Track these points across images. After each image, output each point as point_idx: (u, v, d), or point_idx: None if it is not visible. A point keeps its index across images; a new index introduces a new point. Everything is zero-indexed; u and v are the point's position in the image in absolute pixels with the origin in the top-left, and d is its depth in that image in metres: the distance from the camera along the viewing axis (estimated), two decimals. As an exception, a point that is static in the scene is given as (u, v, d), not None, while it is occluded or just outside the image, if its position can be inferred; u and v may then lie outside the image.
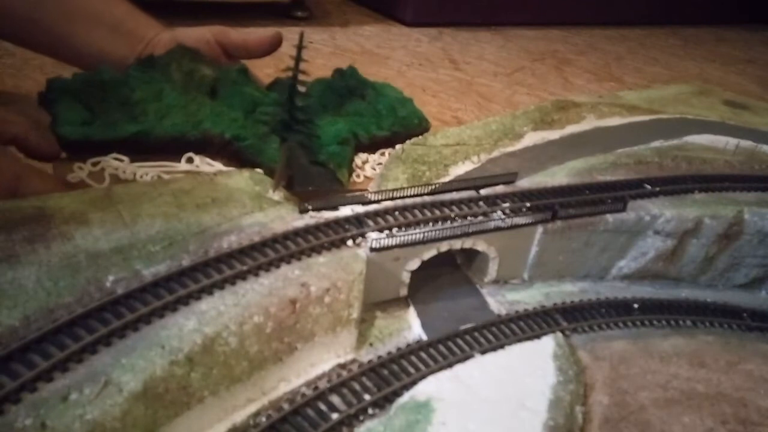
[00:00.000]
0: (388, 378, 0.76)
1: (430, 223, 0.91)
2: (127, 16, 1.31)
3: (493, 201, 0.97)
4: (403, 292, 0.90)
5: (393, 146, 1.27)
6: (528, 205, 0.97)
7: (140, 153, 1.10)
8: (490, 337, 0.84)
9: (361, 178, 1.24)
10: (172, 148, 1.13)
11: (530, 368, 0.77)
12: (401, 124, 1.38)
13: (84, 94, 1.12)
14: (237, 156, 1.16)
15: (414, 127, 1.39)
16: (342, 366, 0.80)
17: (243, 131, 1.17)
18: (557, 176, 1.08)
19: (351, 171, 1.22)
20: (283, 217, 0.86)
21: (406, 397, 0.72)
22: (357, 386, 0.74)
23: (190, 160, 1.12)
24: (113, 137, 1.08)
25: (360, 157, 1.30)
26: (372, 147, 1.33)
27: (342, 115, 1.34)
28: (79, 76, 1.17)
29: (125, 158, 1.08)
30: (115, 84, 1.14)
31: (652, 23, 3.21)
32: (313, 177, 1.09)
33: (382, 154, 1.32)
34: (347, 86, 1.42)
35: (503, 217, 0.94)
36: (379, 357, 0.79)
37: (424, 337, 0.85)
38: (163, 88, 1.17)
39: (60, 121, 1.08)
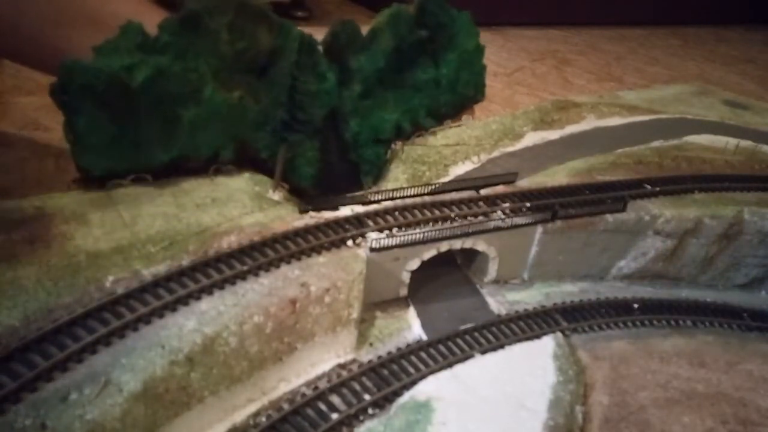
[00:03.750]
0: (388, 378, 0.76)
1: (430, 223, 0.91)
2: (137, 17, 0.98)
3: (493, 201, 0.97)
4: (403, 292, 0.90)
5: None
6: (528, 205, 0.97)
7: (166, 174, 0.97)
8: (490, 337, 0.84)
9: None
10: (201, 168, 1.00)
11: (530, 368, 0.77)
12: (453, 105, 1.28)
13: (108, 96, 0.92)
14: (273, 174, 1.01)
15: (467, 100, 1.31)
16: (342, 366, 0.80)
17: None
18: (557, 176, 1.08)
19: (379, 175, 1.12)
20: (283, 217, 0.86)
21: (406, 397, 0.72)
22: (357, 386, 0.74)
23: (216, 172, 1.00)
24: (141, 168, 0.95)
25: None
26: (410, 133, 1.22)
27: (398, 88, 1.21)
28: (101, 65, 0.92)
29: (149, 177, 0.96)
30: (144, 87, 0.94)
31: (652, 23, 3.21)
32: (338, 177, 1.07)
33: (419, 135, 1.22)
34: (418, 39, 1.24)
35: (503, 217, 0.94)
36: (379, 357, 0.79)
37: (424, 337, 0.85)
38: (205, 80, 0.97)
39: (82, 142, 0.92)
